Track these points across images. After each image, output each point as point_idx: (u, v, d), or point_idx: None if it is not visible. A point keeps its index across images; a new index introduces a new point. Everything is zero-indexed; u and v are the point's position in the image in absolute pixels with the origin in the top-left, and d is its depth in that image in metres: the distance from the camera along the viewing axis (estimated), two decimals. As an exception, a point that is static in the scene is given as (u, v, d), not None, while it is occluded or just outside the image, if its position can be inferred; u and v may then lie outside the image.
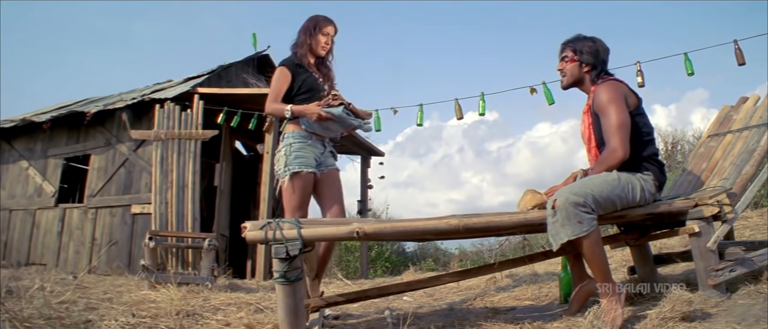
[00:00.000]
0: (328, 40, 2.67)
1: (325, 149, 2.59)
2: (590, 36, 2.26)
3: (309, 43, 2.64)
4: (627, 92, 2.15)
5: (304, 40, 2.65)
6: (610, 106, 2.06)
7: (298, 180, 2.45)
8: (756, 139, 2.37)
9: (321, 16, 2.68)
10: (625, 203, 2.02)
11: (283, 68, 2.61)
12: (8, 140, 7.54)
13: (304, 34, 2.66)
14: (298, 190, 2.45)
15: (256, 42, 8.00)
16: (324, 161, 2.57)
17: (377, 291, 2.50)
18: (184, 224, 5.23)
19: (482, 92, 4.70)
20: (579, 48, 2.23)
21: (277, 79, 2.60)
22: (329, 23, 2.67)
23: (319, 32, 2.64)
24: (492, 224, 1.97)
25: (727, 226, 2.10)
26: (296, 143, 2.50)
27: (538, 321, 2.07)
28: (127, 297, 2.99)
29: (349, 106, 2.47)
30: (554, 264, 3.84)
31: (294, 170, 2.45)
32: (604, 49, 2.24)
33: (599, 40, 2.25)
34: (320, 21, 2.66)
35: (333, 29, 2.68)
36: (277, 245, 1.74)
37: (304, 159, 2.48)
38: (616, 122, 2.04)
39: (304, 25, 2.69)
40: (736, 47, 3.72)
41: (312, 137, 2.53)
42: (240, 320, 2.47)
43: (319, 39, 2.64)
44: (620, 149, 2.02)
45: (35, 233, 6.96)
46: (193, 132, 5.65)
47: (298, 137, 2.51)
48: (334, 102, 2.46)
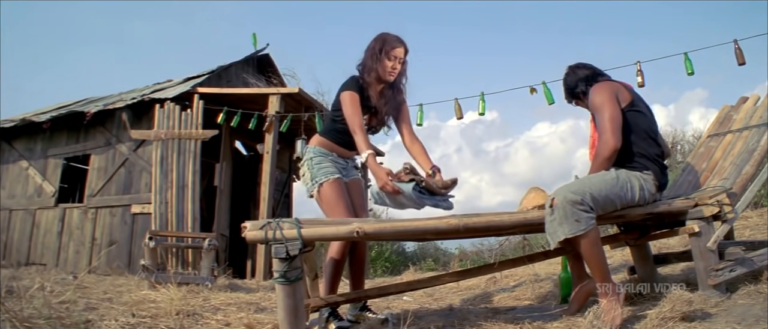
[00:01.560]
0: (396, 65, 2.35)
1: (347, 165, 2.50)
2: (566, 72, 2.41)
3: (375, 68, 2.34)
4: (618, 89, 2.20)
5: (370, 65, 2.35)
6: (601, 105, 2.13)
7: (330, 189, 2.32)
8: (756, 139, 2.36)
9: (390, 36, 2.37)
10: (625, 203, 2.02)
11: (352, 94, 2.30)
12: (8, 140, 7.54)
13: (371, 59, 2.35)
14: (335, 195, 2.31)
15: (256, 41, 8.02)
16: (347, 173, 2.48)
17: (377, 290, 2.50)
18: (184, 224, 5.23)
19: (482, 92, 4.70)
20: (574, 91, 2.36)
21: (350, 105, 2.28)
22: (399, 44, 2.35)
23: (385, 57, 2.33)
24: (492, 224, 1.97)
25: (727, 226, 2.10)
26: (316, 157, 2.40)
27: (538, 321, 2.07)
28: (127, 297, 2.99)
29: (421, 183, 2.06)
30: (554, 264, 3.85)
31: (321, 181, 2.34)
32: (581, 69, 2.36)
33: (569, 71, 2.39)
34: (387, 42, 2.34)
35: (402, 51, 2.35)
36: (277, 245, 1.74)
37: (328, 169, 2.37)
38: (606, 115, 2.09)
39: (370, 46, 2.38)
40: (736, 47, 3.72)
41: (333, 153, 2.42)
42: (240, 320, 2.47)
43: (386, 64, 2.33)
44: (611, 140, 2.05)
45: (35, 233, 6.96)
46: (193, 132, 5.66)
47: (318, 152, 2.41)
48: (405, 178, 2.06)
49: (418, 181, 2.03)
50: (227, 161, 6.88)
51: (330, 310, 2.35)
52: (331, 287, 2.39)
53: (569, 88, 2.39)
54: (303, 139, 6.64)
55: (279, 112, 6.16)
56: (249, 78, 7.76)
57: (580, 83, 2.34)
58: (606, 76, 2.33)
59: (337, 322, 2.34)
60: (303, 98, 6.47)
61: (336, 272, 2.39)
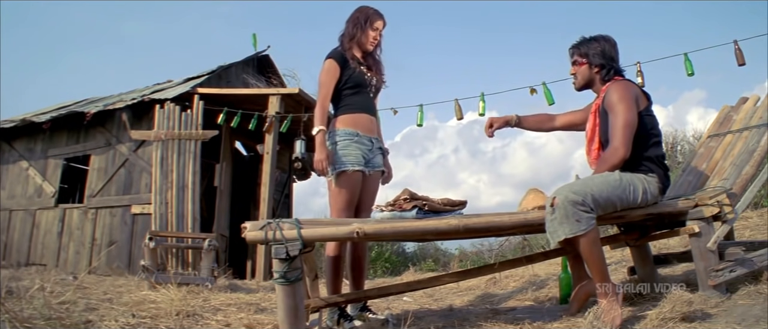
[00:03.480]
0: (377, 35, 2.55)
1: (373, 146, 2.50)
2: (594, 36, 2.26)
3: (358, 36, 2.52)
4: (638, 94, 2.15)
5: (353, 33, 2.52)
6: (620, 104, 2.06)
7: (346, 179, 2.35)
8: (756, 139, 2.36)
9: (371, 9, 2.56)
10: (626, 204, 2.02)
11: (331, 61, 2.47)
12: (8, 140, 7.54)
13: (354, 27, 2.52)
14: (346, 189, 2.35)
15: (256, 42, 8.01)
16: (372, 158, 2.48)
17: (377, 291, 2.50)
18: (184, 225, 5.23)
19: (482, 92, 4.70)
20: (585, 51, 2.25)
21: (326, 73, 2.46)
22: (380, 17, 2.55)
23: (369, 27, 2.52)
24: (492, 225, 1.97)
25: (727, 226, 2.10)
26: (342, 141, 2.40)
27: (538, 321, 2.07)
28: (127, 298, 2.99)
29: (424, 207, 1.99)
30: (554, 264, 3.84)
31: (341, 169, 2.35)
32: (610, 46, 2.24)
33: (603, 39, 2.24)
34: (371, 15, 2.54)
35: (382, 24, 2.56)
36: (277, 246, 1.74)
37: (352, 157, 2.38)
38: (622, 120, 2.04)
39: (353, 17, 2.56)
40: (736, 48, 3.72)
41: (359, 133, 2.43)
42: (240, 320, 2.46)
43: (369, 34, 2.52)
44: (622, 148, 2.01)
45: (35, 234, 6.96)
46: (193, 132, 5.66)
47: (344, 135, 2.41)
48: (408, 206, 2.02)
49: (421, 206, 1.99)
50: (227, 161, 6.88)
51: (339, 312, 2.35)
52: (334, 286, 2.39)
53: (587, 48, 2.23)
54: (303, 139, 6.65)
55: (279, 112, 6.17)
56: (249, 78, 7.76)
57: (601, 58, 2.20)
58: (624, 75, 2.26)
59: (349, 324, 2.33)
60: (303, 99, 6.47)
61: (335, 270, 2.40)
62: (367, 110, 2.51)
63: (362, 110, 2.48)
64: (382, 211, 2.02)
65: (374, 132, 2.52)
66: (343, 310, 2.37)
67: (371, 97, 2.58)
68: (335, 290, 2.39)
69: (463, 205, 2.05)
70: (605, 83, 2.22)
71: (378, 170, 2.53)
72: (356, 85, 2.48)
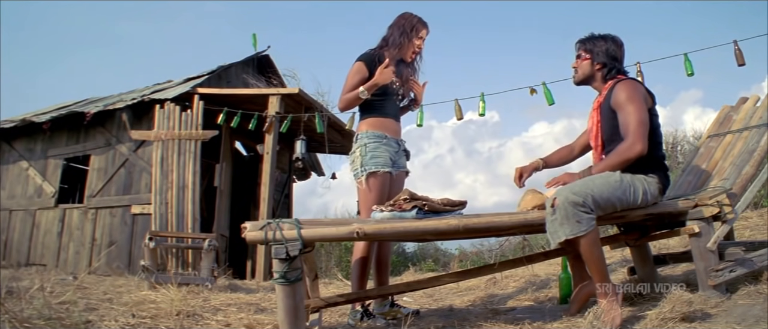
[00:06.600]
0: (421, 44, 2.56)
1: (399, 148, 2.56)
2: (603, 34, 2.28)
3: (404, 45, 2.52)
4: (645, 93, 2.15)
5: (400, 41, 2.51)
6: (631, 103, 2.06)
7: (375, 180, 2.42)
8: (756, 139, 2.36)
9: (416, 17, 2.55)
10: (626, 205, 2.02)
11: (361, 64, 2.48)
12: (8, 140, 7.54)
13: (401, 36, 2.52)
14: (375, 189, 2.41)
15: (256, 42, 8.02)
16: (398, 160, 2.54)
17: (377, 291, 2.50)
18: (184, 225, 5.23)
19: (482, 93, 4.69)
20: (591, 47, 2.26)
21: (354, 74, 2.47)
22: (424, 26, 2.55)
23: (415, 36, 2.52)
24: (492, 225, 1.97)
25: (727, 226, 2.10)
26: (371, 143, 2.45)
27: (538, 321, 2.08)
28: (127, 298, 2.99)
29: (424, 207, 1.97)
30: (554, 264, 3.85)
31: (371, 170, 2.41)
32: (616, 47, 2.25)
33: (611, 39, 2.26)
34: (416, 24, 2.53)
35: (426, 32, 2.56)
36: (277, 246, 1.74)
37: (381, 159, 2.44)
38: (637, 118, 2.03)
39: (398, 23, 2.55)
40: (736, 48, 3.71)
41: (386, 136, 2.49)
42: (240, 320, 2.47)
43: (414, 43, 2.53)
44: (639, 143, 2.00)
45: (35, 234, 6.96)
46: (193, 132, 5.65)
47: (373, 137, 2.46)
48: (407, 206, 2.00)
49: (421, 206, 1.98)
50: (227, 161, 6.88)
51: (361, 312, 2.39)
52: (360, 285, 2.43)
53: (593, 45, 2.25)
54: (303, 139, 6.65)
55: (279, 112, 6.17)
56: (249, 79, 7.76)
57: (605, 57, 2.22)
58: (628, 75, 2.27)
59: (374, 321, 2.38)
60: (303, 99, 6.47)
61: (362, 270, 2.44)
62: (394, 115, 2.58)
63: (389, 116, 2.55)
64: (382, 211, 2.02)
65: (399, 135, 2.60)
66: (366, 309, 2.41)
67: (397, 105, 2.65)
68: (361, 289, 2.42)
69: (462, 205, 2.05)
70: (607, 81, 2.23)
71: (403, 170, 2.60)
72: (383, 92, 2.52)
